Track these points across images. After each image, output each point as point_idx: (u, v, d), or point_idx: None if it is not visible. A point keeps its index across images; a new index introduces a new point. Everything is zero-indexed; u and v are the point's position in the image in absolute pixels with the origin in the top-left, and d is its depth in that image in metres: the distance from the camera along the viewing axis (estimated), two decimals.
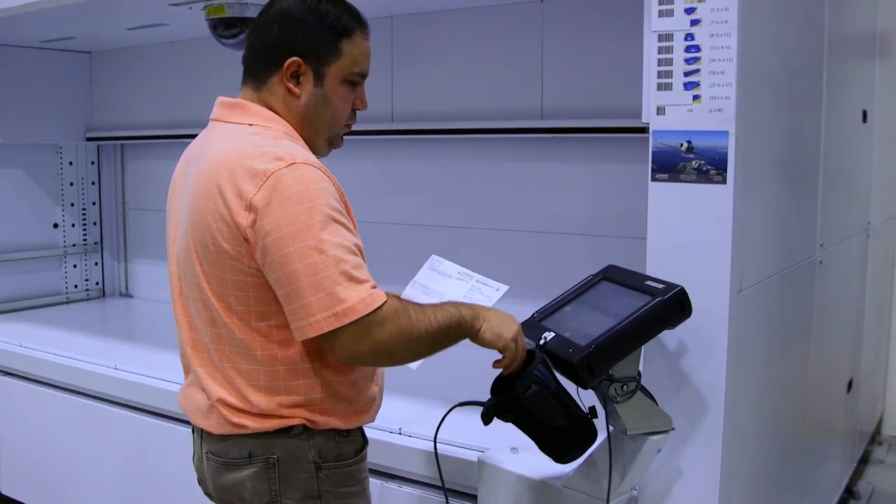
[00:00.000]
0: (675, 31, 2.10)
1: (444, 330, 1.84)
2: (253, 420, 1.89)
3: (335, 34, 1.91)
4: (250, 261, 1.79)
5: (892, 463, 4.56)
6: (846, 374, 3.75)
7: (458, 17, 3.66)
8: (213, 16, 3.40)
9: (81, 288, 5.09)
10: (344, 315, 1.72)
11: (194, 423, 2.01)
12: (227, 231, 1.79)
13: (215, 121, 2.00)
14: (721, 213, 2.07)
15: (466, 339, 1.89)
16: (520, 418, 1.97)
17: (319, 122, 1.96)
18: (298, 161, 1.78)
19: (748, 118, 2.10)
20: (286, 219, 1.73)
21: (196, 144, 2.02)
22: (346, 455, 1.97)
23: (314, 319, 1.73)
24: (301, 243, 1.72)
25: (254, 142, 1.84)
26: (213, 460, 1.96)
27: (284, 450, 1.90)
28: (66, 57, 4.88)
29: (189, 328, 1.98)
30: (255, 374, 1.87)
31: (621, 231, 3.27)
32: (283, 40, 1.90)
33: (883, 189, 4.28)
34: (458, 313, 1.87)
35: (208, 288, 1.86)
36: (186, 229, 1.90)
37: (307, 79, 1.92)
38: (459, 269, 2.25)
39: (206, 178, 1.84)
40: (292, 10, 1.91)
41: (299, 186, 1.75)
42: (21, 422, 3.88)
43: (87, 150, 5.05)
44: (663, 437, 2.09)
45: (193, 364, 1.97)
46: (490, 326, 1.89)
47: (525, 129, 3.49)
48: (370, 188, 3.94)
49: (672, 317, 1.99)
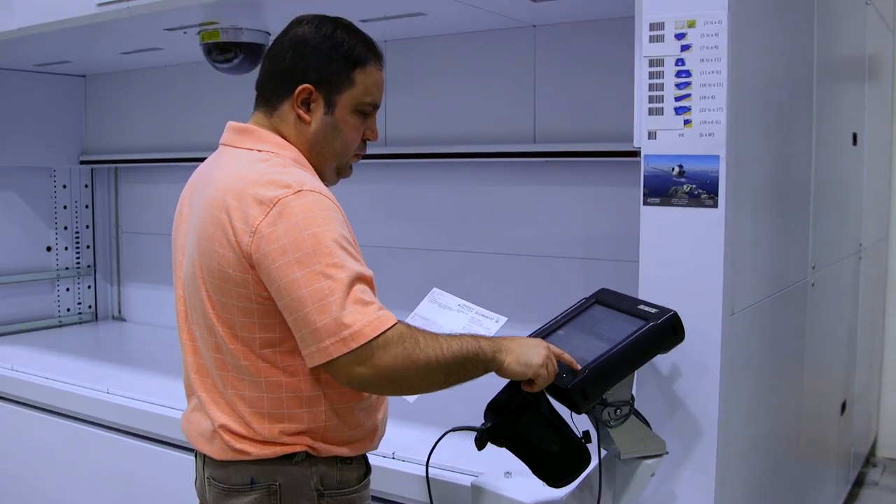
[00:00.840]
0: (665, 57, 2.11)
1: (460, 360, 1.79)
2: (255, 447, 1.88)
3: (349, 63, 1.92)
4: (256, 288, 1.79)
5: (886, 485, 4.56)
6: (839, 396, 3.75)
7: (452, 41, 3.68)
8: (207, 40, 3.41)
9: (74, 311, 5.07)
10: (352, 339, 1.70)
11: (197, 448, 2.00)
12: (234, 258, 1.79)
13: (225, 146, 1.99)
14: (713, 236, 2.07)
15: (490, 372, 1.86)
16: (514, 444, 1.97)
17: (328, 150, 1.96)
18: (306, 188, 1.78)
19: (739, 142, 2.11)
20: (292, 244, 1.72)
21: (204, 169, 2.02)
22: (348, 482, 1.95)
23: (322, 346, 1.72)
24: (307, 269, 1.71)
25: (262, 169, 1.84)
26: (215, 486, 1.94)
27: (287, 476, 1.89)
28: (60, 80, 4.89)
29: (194, 353, 1.97)
30: (259, 401, 1.86)
31: (614, 254, 3.28)
32: (296, 66, 1.91)
33: (874, 211, 4.31)
34: (477, 345, 1.83)
35: (213, 314, 1.86)
36: (193, 254, 1.89)
37: (318, 106, 1.92)
38: (459, 301, 2.27)
39: (214, 204, 1.84)
40: (307, 37, 1.92)
41: (306, 213, 1.75)
42: (13, 446, 3.85)
43: (80, 173, 5.04)
44: (657, 461, 2.09)
45: (197, 389, 1.96)
46: (515, 357, 1.85)
47: (518, 153, 3.50)
48: (362, 212, 3.94)
49: (665, 341, 1.99)
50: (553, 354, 1.92)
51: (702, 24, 2.06)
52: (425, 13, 3.24)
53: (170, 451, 3.14)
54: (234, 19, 3.33)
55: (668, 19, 2.10)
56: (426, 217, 3.87)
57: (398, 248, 3.86)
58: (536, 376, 1.87)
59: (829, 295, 3.39)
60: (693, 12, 2.07)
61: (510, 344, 1.88)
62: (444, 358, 1.78)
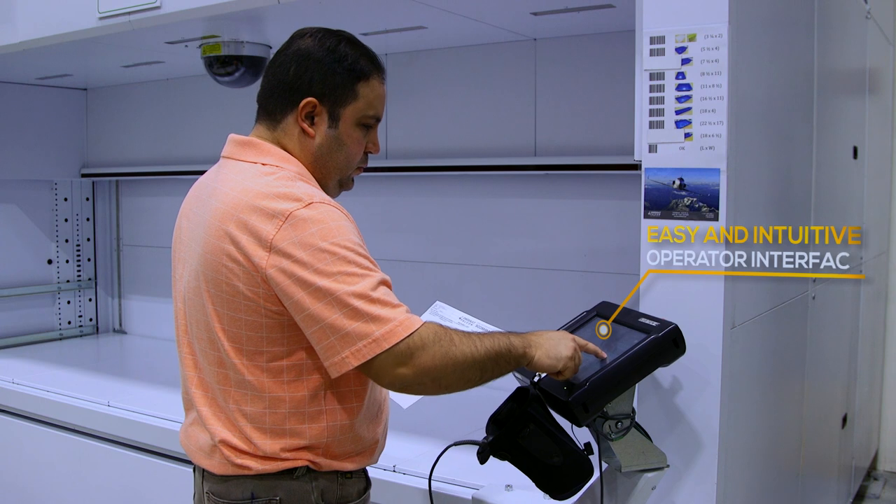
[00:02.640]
0: (666, 70, 2.12)
1: (494, 357, 1.81)
2: (256, 462, 1.87)
3: (352, 77, 1.92)
4: (267, 302, 1.78)
5: (887, 498, 4.55)
6: (841, 410, 3.75)
7: (453, 55, 3.69)
8: (208, 54, 3.43)
9: (75, 324, 5.07)
10: (384, 339, 1.71)
11: (196, 462, 1.99)
12: (243, 272, 1.78)
13: (227, 158, 1.98)
14: (714, 249, 2.07)
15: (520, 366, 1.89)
16: (516, 457, 1.97)
17: (332, 163, 1.97)
18: (316, 201, 1.79)
19: (740, 155, 2.12)
20: (311, 256, 1.73)
21: (206, 181, 2.00)
22: (348, 497, 1.95)
23: (355, 349, 1.72)
24: (330, 278, 1.72)
25: (268, 182, 1.83)
26: (214, 501, 1.93)
27: (287, 491, 1.88)
28: (61, 94, 4.91)
29: (194, 367, 1.96)
30: (261, 417, 1.86)
31: (615, 267, 3.28)
32: (300, 80, 1.91)
33: (874, 224, 4.30)
34: (508, 341, 1.85)
35: (219, 328, 1.85)
36: (197, 268, 1.88)
37: (322, 119, 1.92)
38: (461, 314, 2.28)
39: (219, 218, 1.83)
40: (311, 50, 1.92)
41: (320, 224, 1.75)
42: (14, 459, 3.85)
43: (81, 186, 5.06)
44: (658, 474, 2.08)
45: (197, 403, 1.95)
46: (545, 352, 1.88)
47: (519, 165, 3.51)
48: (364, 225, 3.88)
49: (666, 354, 1.99)
50: (579, 346, 1.94)
51: (702, 38, 2.07)
52: (426, 27, 3.25)
53: (171, 465, 3.13)
54: (235, 33, 3.34)
55: (669, 33, 2.10)
56: (427, 230, 3.87)
57: (399, 261, 3.86)
58: (565, 369, 1.90)
59: (830, 308, 3.38)
60: (694, 26, 2.08)
61: (538, 339, 1.90)
62: (479, 355, 1.79)
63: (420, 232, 3.89)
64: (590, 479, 2.02)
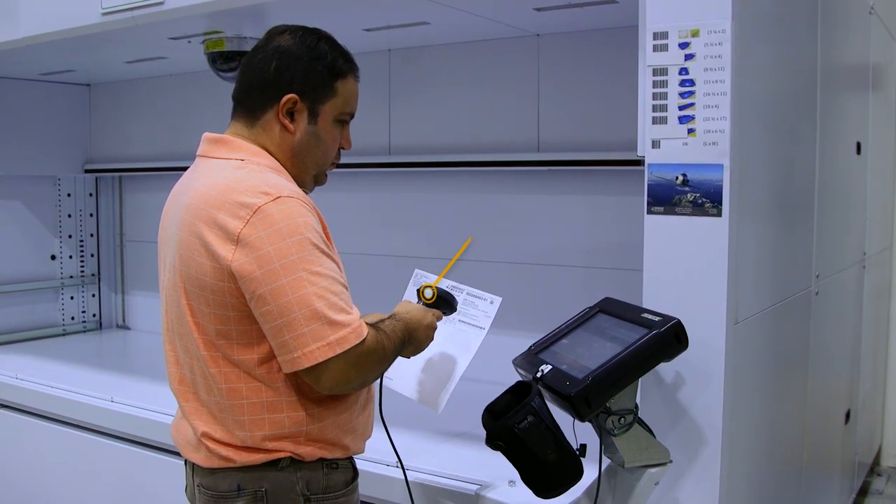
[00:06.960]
0: (669, 66, 2.12)
1: (398, 350, 1.97)
2: (239, 453, 1.90)
3: (332, 74, 1.96)
4: (234, 295, 1.81)
5: (891, 494, 4.55)
6: (844, 405, 3.74)
7: (456, 51, 3.69)
8: (211, 49, 3.43)
9: (78, 320, 5.09)
10: (337, 344, 1.76)
11: (185, 456, 2.03)
12: (211, 266, 1.81)
13: (201, 157, 2.02)
14: (717, 245, 2.07)
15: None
16: (511, 448, 1.97)
17: (310, 159, 2.00)
18: (284, 195, 1.81)
19: (743, 151, 2.11)
20: (277, 251, 1.75)
21: (183, 180, 2.04)
22: (335, 486, 1.97)
23: (308, 350, 1.75)
24: (293, 275, 1.75)
25: (238, 176, 1.86)
26: (204, 493, 1.96)
27: (273, 482, 1.90)
28: (65, 89, 4.91)
29: (175, 363, 1.99)
30: (239, 409, 1.88)
31: (618, 263, 3.28)
32: (281, 76, 1.93)
33: (878, 220, 4.30)
34: (405, 327, 2.00)
35: (192, 322, 1.88)
36: (174, 264, 1.92)
37: (302, 116, 1.95)
38: (449, 282, 2.30)
39: (191, 214, 1.86)
40: (291, 48, 1.94)
41: (287, 220, 1.78)
42: (17, 454, 3.86)
43: (85, 181, 5.07)
44: (661, 470, 2.08)
45: (180, 399, 1.99)
46: (426, 334, 2.09)
47: (522, 161, 3.51)
48: (367, 220, 3.95)
49: (669, 349, 1.99)
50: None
51: (705, 34, 2.06)
52: (429, 22, 3.25)
53: (174, 460, 3.13)
54: (238, 28, 3.34)
55: (672, 28, 2.10)
56: (430, 225, 3.87)
57: (401, 257, 3.86)
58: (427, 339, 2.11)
59: (833, 304, 3.38)
60: (697, 21, 2.07)
61: (407, 317, 2.05)
62: (394, 352, 1.95)
63: (422, 227, 3.88)
64: (577, 482, 2.02)
